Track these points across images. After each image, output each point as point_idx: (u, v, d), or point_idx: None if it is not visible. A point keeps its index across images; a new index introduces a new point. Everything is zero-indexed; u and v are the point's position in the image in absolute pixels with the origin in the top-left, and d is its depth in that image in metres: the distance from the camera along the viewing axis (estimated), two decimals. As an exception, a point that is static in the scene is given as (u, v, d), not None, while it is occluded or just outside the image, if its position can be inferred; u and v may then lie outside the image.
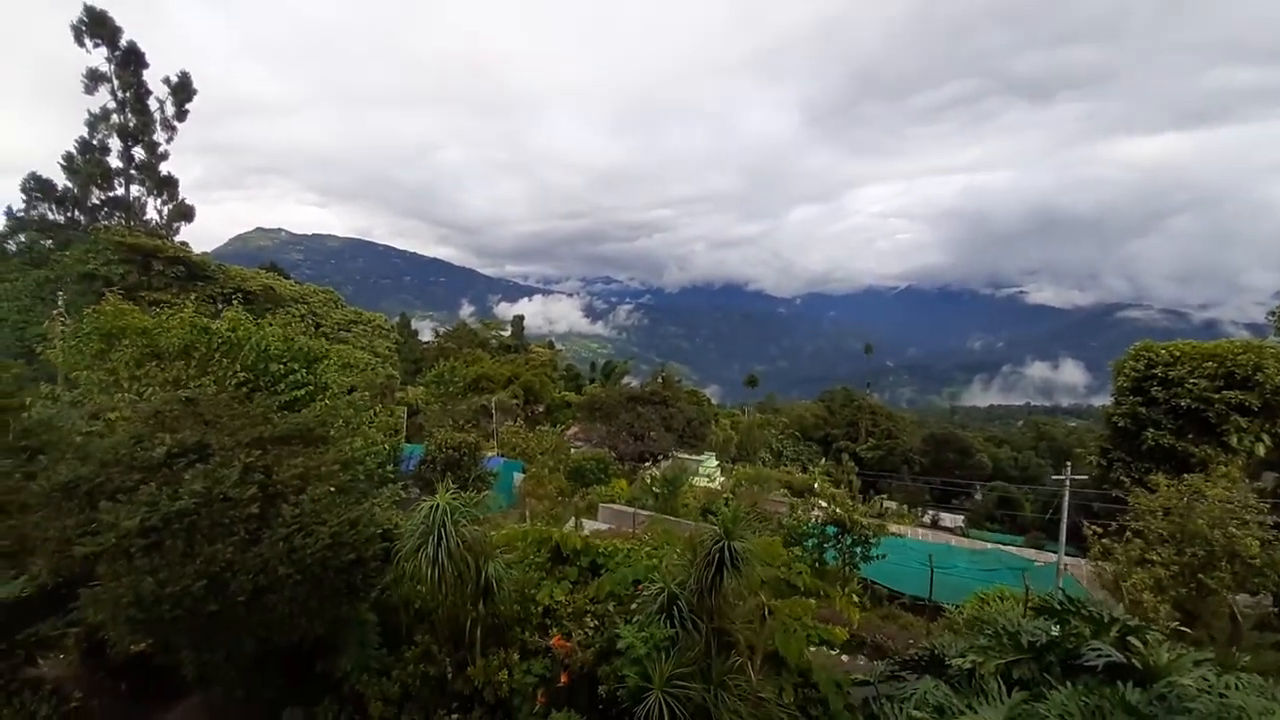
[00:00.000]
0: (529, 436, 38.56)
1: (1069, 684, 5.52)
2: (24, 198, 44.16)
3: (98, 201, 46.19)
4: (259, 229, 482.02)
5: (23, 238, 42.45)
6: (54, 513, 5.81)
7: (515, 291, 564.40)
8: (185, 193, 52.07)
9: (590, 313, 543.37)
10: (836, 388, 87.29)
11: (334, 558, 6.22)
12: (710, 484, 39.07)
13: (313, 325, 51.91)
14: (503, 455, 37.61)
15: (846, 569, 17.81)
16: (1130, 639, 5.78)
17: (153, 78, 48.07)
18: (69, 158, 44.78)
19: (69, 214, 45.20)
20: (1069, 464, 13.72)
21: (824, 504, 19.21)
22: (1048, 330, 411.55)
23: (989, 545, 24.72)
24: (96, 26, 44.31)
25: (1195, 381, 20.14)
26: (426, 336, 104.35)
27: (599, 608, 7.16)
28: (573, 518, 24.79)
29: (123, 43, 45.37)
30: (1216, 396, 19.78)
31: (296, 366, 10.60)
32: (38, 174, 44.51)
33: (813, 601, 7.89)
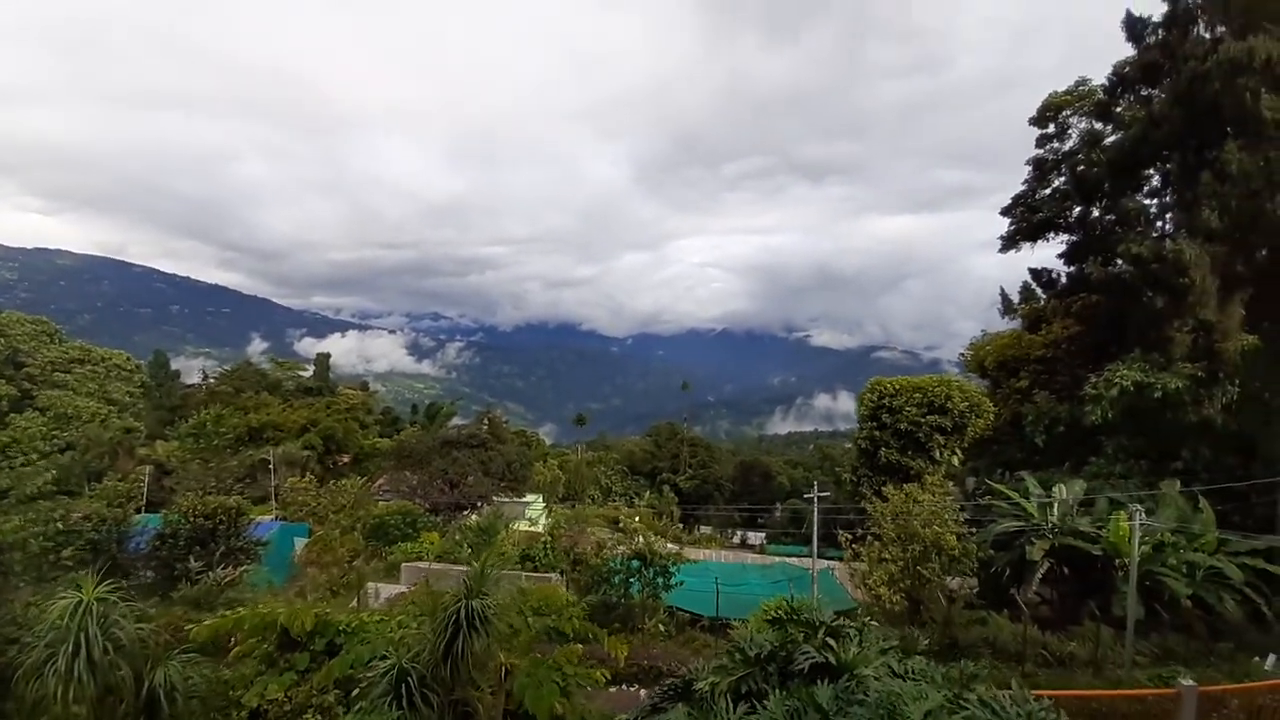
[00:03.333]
0: (320, 493, 33.58)
1: (782, 689, 6.17)
2: None
3: None
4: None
5: None
6: None
7: (324, 326, 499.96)
8: None
9: (416, 350, 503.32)
10: (663, 423, 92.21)
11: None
12: (533, 527, 37.89)
13: (10, 364, 39.47)
14: (283, 518, 32.10)
15: (650, 600, 18.34)
16: (829, 639, 6.69)
17: None
18: None
19: None
20: (815, 484, 16.10)
21: (625, 537, 19.70)
22: (828, 367, 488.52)
23: (777, 559, 27.62)
24: None
25: (909, 409, 25.80)
26: (196, 378, 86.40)
27: (325, 698, 6.17)
28: (365, 585, 21.90)
29: None
30: (923, 420, 25.54)
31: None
32: None
33: (579, 647, 7.80)
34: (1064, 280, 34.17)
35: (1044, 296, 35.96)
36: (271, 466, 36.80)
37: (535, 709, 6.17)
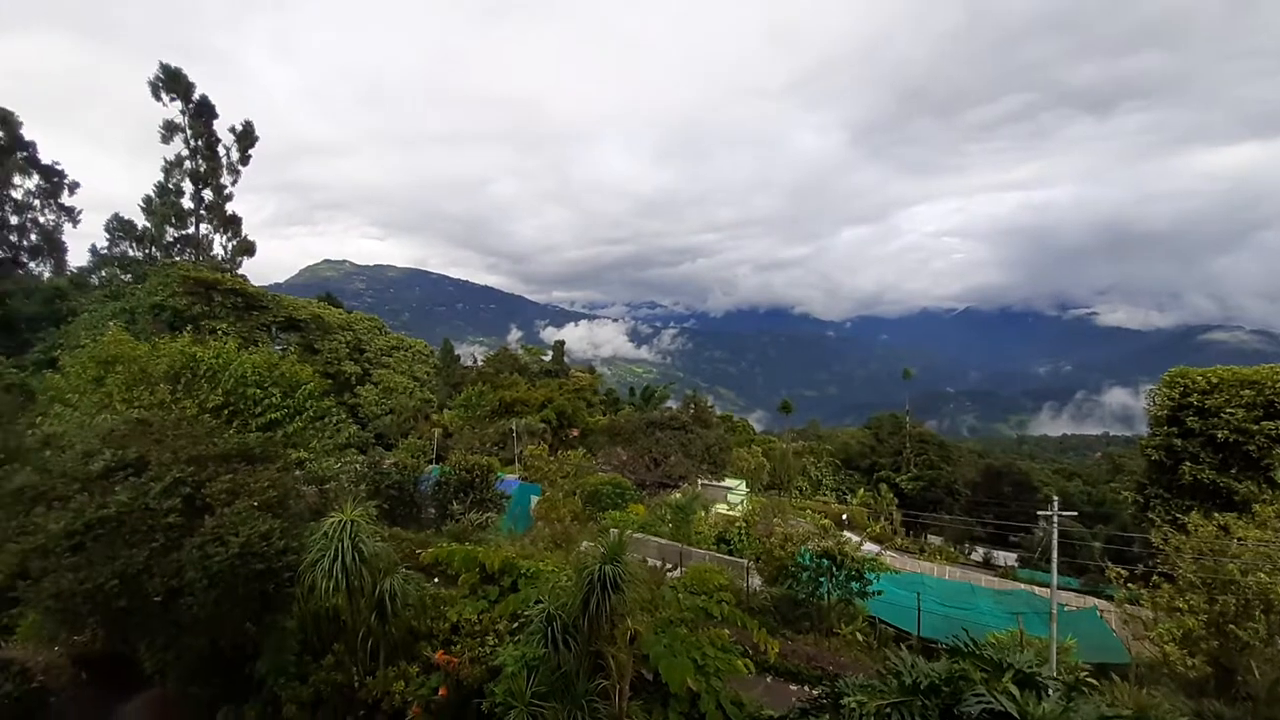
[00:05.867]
0: (550, 460, 39.10)
1: (943, 730, 5.20)
2: (107, 236, 49.91)
3: (171, 239, 51.41)
4: (326, 261, 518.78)
5: (104, 273, 47.64)
6: (3, 516, 6.58)
7: (561, 317, 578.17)
8: (260, 229, 58.16)
9: (635, 337, 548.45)
10: (885, 414, 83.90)
11: (243, 567, 6.68)
12: (732, 511, 38.28)
13: (356, 350, 55.09)
14: (525, 478, 38.26)
15: (842, 604, 17.05)
16: (1016, 688, 5.38)
17: (221, 126, 53.55)
18: (148, 200, 50.26)
19: (147, 251, 50.42)
20: (1055, 499, 12.73)
21: (816, 532, 18.56)
22: (1124, 353, 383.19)
23: (1021, 586, 22.97)
24: (171, 82, 50.11)
25: (1232, 411, 18.21)
26: (470, 362, 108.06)
27: (500, 626, 7.31)
28: (580, 544, 24.90)
29: (196, 96, 51.03)
30: (1255, 428, 17.84)
31: (275, 391, 11.42)
32: (120, 215, 50.27)
33: (725, 631, 7.79)
34: None
35: None
36: (515, 435, 44.17)
37: (669, 679, 6.37)
